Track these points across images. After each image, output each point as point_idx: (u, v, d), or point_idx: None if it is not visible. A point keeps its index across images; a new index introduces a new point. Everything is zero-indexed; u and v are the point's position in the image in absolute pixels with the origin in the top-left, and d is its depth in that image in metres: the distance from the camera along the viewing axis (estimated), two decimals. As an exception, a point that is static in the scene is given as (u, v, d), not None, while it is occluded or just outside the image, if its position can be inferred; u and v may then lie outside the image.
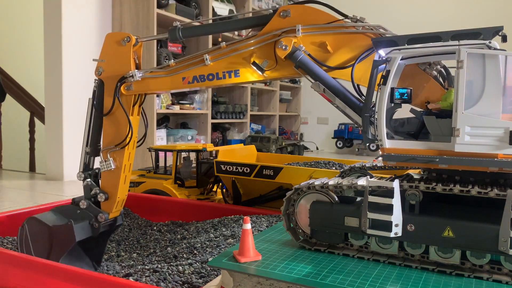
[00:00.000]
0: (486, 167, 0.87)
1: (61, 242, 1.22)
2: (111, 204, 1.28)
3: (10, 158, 4.82)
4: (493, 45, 0.88)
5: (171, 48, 3.77)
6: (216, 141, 4.58)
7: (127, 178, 1.33)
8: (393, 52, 0.97)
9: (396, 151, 0.95)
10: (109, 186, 1.29)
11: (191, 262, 1.26)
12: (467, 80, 0.87)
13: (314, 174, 1.65)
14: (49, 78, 3.27)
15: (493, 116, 0.86)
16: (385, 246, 0.97)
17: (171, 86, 1.29)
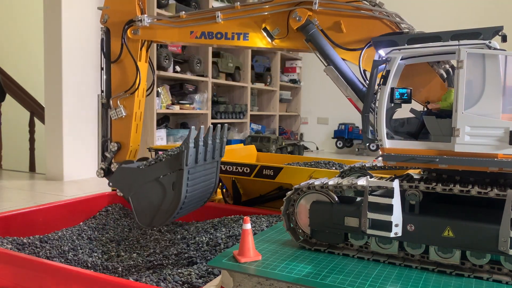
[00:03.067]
0: (486, 167, 0.87)
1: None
2: (124, 154, 1.27)
3: (10, 158, 4.82)
4: (493, 45, 0.88)
5: (171, 48, 3.77)
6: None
7: (138, 127, 1.31)
8: (393, 52, 0.97)
9: (396, 151, 0.95)
10: (121, 135, 1.28)
11: (191, 262, 1.26)
12: (467, 80, 0.87)
13: (314, 174, 1.65)
14: (49, 78, 3.27)
15: (493, 116, 0.86)
16: (385, 246, 0.97)
17: (178, 38, 1.28)
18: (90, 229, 1.64)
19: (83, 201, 1.77)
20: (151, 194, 1.22)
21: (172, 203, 1.21)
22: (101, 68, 1.32)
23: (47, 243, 1.44)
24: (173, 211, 1.21)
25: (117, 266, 1.28)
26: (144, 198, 1.23)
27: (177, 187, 1.20)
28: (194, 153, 1.22)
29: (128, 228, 1.71)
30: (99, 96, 1.33)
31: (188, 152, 1.18)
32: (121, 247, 1.55)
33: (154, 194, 1.22)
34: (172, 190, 1.21)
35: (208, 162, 1.32)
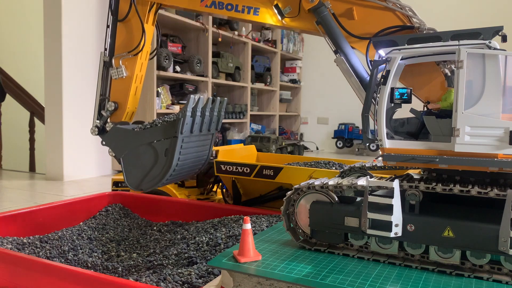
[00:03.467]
0: (486, 167, 0.87)
1: None
2: (121, 114, 1.27)
3: (10, 158, 4.82)
4: (493, 45, 0.88)
5: (171, 48, 3.77)
6: (216, 141, 4.58)
7: (138, 89, 1.30)
8: (393, 52, 0.97)
9: (396, 151, 0.95)
10: (119, 95, 1.27)
11: (191, 262, 1.26)
12: (467, 80, 0.87)
13: (314, 174, 1.65)
14: (49, 78, 3.27)
15: (493, 116, 0.86)
16: (385, 246, 0.97)
17: (188, 4, 1.26)
18: (90, 229, 1.64)
19: (83, 201, 1.77)
20: (143, 158, 1.23)
21: (163, 169, 1.21)
22: (106, 26, 1.30)
23: (47, 243, 1.44)
24: (162, 176, 1.22)
25: (117, 266, 1.28)
26: (135, 160, 1.23)
27: (169, 154, 1.20)
28: (191, 123, 1.22)
29: (128, 228, 1.71)
30: (101, 53, 1.32)
31: (184, 120, 1.18)
32: (121, 247, 1.55)
33: (146, 158, 1.22)
34: (164, 156, 1.21)
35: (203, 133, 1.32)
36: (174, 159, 1.20)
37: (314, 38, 6.29)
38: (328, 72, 6.16)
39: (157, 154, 1.22)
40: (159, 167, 1.22)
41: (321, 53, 6.26)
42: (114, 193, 1.90)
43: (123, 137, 1.24)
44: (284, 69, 6.22)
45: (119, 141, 1.25)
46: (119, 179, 2.13)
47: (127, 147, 1.24)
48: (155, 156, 1.22)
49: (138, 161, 1.24)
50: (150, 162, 1.23)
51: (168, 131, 1.20)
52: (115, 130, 1.25)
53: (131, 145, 1.23)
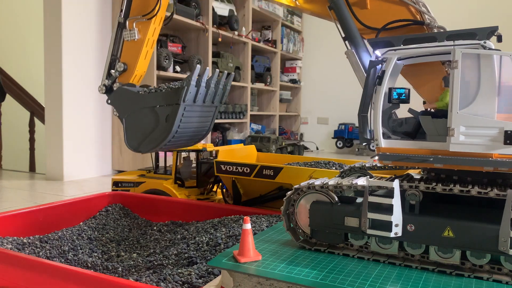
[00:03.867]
0: (481, 167, 0.87)
1: None
2: (129, 76, 1.29)
3: (10, 158, 4.82)
4: (488, 45, 0.88)
5: (171, 48, 3.77)
6: (216, 141, 4.58)
7: (148, 54, 1.32)
8: (388, 52, 0.97)
9: (391, 151, 0.96)
10: (129, 57, 1.29)
11: (191, 262, 1.26)
12: (462, 80, 0.87)
13: (314, 174, 1.65)
14: (49, 78, 3.27)
15: (488, 116, 0.86)
16: (385, 246, 0.97)
17: None
18: (90, 229, 1.64)
19: (83, 201, 1.77)
20: (145, 121, 1.24)
21: (162, 134, 1.23)
22: None
23: (47, 243, 1.44)
24: (160, 141, 1.23)
25: (117, 266, 1.28)
26: (137, 122, 1.25)
27: (170, 120, 1.22)
28: (195, 92, 1.23)
29: (128, 228, 1.71)
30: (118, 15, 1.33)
31: (188, 89, 1.19)
32: (121, 247, 1.55)
33: (148, 121, 1.24)
34: (165, 122, 1.23)
35: (207, 105, 1.33)
36: (174, 126, 1.22)
37: (314, 38, 6.29)
38: (328, 72, 6.16)
39: (158, 119, 1.23)
40: (159, 132, 1.24)
41: (321, 53, 6.26)
42: (114, 193, 1.90)
43: (127, 98, 1.26)
44: (284, 69, 6.22)
45: (124, 102, 1.27)
46: (119, 179, 2.13)
47: (131, 109, 1.26)
48: (156, 121, 1.24)
49: (139, 123, 1.26)
50: (151, 126, 1.25)
51: (171, 97, 1.22)
52: (121, 91, 1.27)
53: (134, 107, 1.25)
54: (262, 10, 5.23)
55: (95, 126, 3.52)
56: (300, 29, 6.29)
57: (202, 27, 4.11)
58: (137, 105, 1.25)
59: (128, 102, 1.26)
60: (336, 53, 6.00)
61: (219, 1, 4.44)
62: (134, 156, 3.60)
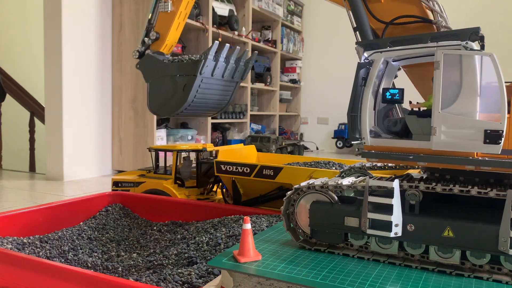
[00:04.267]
0: (463, 166, 0.89)
1: None
2: (160, 45, 1.37)
3: (10, 158, 4.82)
4: (470, 46, 0.88)
5: (171, 48, 3.77)
6: (216, 141, 4.58)
7: (180, 25, 1.40)
8: (374, 54, 0.99)
9: (377, 149, 0.98)
10: (162, 27, 1.38)
11: (191, 262, 1.26)
12: (444, 80, 0.89)
13: (314, 174, 1.65)
14: (49, 78, 3.27)
15: (469, 116, 0.87)
16: (385, 246, 0.97)
17: None
18: (90, 229, 1.64)
19: (83, 201, 1.77)
20: (165, 87, 1.34)
21: (179, 102, 1.33)
22: None
23: (47, 243, 1.44)
24: (176, 108, 1.33)
25: (117, 266, 1.28)
26: (159, 88, 1.35)
27: (186, 90, 1.31)
28: (212, 66, 1.32)
29: (128, 228, 1.71)
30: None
31: (205, 62, 1.28)
32: (121, 247, 1.55)
33: (168, 88, 1.34)
34: (183, 90, 1.32)
35: (227, 79, 1.42)
36: (190, 96, 1.31)
37: (314, 38, 6.29)
38: (328, 72, 6.16)
39: (177, 87, 1.33)
40: (176, 99, 1.33)
41: (321, 53, 6.26)
42: (114, 193, 1.90)
43: (153, 65, 1.36)
44: (284, 69, 6.22)
45: (149, 68, 1.37)
46: (119, 179, 2.13)
47: (155, 75, 1.36)
48: (175, 89, 1.33)
49: (161, 89, 1.35)
50: (170, 93, 1.34)
51: (190, 69, 1.31)
52: (148, 58, 1.37)
53: (158, 73, 1.35)
54: (262, 10, 5.23)
55: (95, 126, 3.52)
56: (300, 29, 6.29)
57: (202, 27, 4.11)
58: (160, 72, 1.35)
59: (153, 69, 1.36)
60: (336, 53, 6.01)
61: (219, 1, 4.44)
62: (134, 156, 3.60)
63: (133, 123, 3.58)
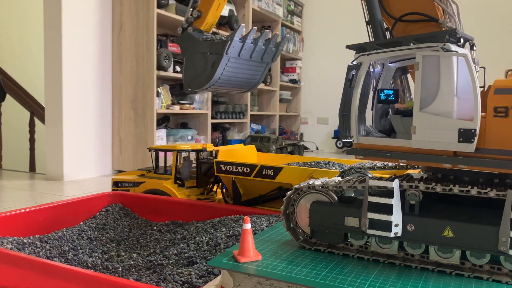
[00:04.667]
0: (440, 164, 0.92)
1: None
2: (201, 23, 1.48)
3: (10, 158, 4.82)
4: (447, 47, 0.90)
5: (171, 48, 3.77)
6: (216, 141, 4.58)
7: (220, 6, 1.50)
8: (361, 57, 1.02)
9: (365, 147, 1.02)
10: (204, 6, 1.48)
11: (191, 262, 1.26)
12: (423, 81, 0.92)
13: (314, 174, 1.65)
14: (49, 78, 3.27)
15: (446, 115, 0.90)
16: (385, 246, 0.97)
17: None
18: (90, 229, 1.64)
19: (83, 201, 1.77)
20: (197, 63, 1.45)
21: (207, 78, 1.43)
22: None
23: (47, 243, 1.44)
24: (205, 83, 1.44)
25: (117, 266, 1.28)
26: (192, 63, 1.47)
27: (214, 67, 1.41)
28: (239, 47, 1.41)
29: (128, 228, 1.71)
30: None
31: (231, 43, 1.37)
32: (121, 247, 1.55)
33: (199, 64, 1.45)
34: (211, 67, 1.42)
35: (256, 60, 1.52)
36: (217, 73, 1.41)
37: (314, 38, 6.29)
38: (328, 72, 6.16)
39: (207, 64, 1.43)
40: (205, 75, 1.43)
41: (321, 53, 6.26)
42: (114, 193, 1.90)
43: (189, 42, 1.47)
44: (284, 69, 6.22)
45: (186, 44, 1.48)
46: (119, 179, 2.13)
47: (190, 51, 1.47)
48: (205, 65, 1.43)
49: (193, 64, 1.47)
50: (201, 69, 1.45)
51: (218, 48, 1.40)
52: (186, 34, 1.48)
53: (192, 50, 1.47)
54: (262, 10, 5.23)
55: (95, 126, 3.52)
56: (300, 29, 6.29)
57: (202, 27, 4.10)
58: (194, 49, 1.46)
59: (189, 45, 1.47)
60: (336, 53, 6.01)
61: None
62: (134, 156, 3.60)
63: (133, 123, 3.58)
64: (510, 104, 0.84)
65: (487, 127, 0.87)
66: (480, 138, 0.88)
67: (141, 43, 3.49)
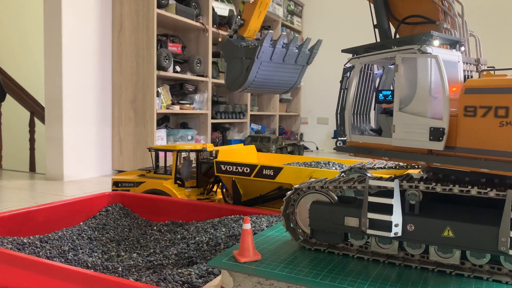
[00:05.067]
0: (416, 161, 0.95)
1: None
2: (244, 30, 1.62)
3: (10, 158, 4.82)
4: (424, 50, 0.93)
5: (171, 48, 3.77)
6: (216, 141, 4.58)
7: (261, 14, 1.63)
8: (352, 60, 1.07)
9: (355, 144, 1.07)
10: (246, 15, 1.62)
11: (191, 262, 1.26)
12: (402, 82, 0.95)
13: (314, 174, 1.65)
14: (49, 78, 3.27)
15: (421, 115, 0.93)
16: (385, 246, 0.97)
17: None
18: (90, 229, 1.64)
19: (83, 201, 1.77)
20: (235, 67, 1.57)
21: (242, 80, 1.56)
22: None
23: (47, 243, 1.44)
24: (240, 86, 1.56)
25: (117, 266, 1.28)
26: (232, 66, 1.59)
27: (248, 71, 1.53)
28: (270, 52, 1.53)
29: (128, 228, 1.71)
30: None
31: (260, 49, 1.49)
32: (121, 247, 1.55)
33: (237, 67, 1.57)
34: (246, 71, 1.54)
35: (289, 63, 1.64)
36: (250, 76, 1.54)
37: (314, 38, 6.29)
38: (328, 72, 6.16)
39: (242, 68, 1.55)
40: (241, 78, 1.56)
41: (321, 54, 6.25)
42: (114, 193, 1.90)
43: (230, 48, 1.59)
44: (284, 69, 6.22)
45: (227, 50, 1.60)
46: (119, 179, 2.13)
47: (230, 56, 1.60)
48: (241, 69, 1.56)
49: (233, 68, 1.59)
50: (238, 72, 1.57)
51: (251, 53, 1.53)
52: (227, 41, 1.60)
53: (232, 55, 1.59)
54: None
55: (95, 126, 3.52)
56: (300, 29, 6.29)
57: (202, 27, 4.11)
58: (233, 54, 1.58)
59: (229, 51, 1.59)
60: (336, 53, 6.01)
61: (219, 1, 4.44)
62: (134, 156, 3.60)
63: (133, 123, 3.58)
64: (478, 104, 0.87)
65: (459, 126, 0.90)
66: (452, 137, 0.90)
67: (141, 43, 3.49)
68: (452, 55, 1.01)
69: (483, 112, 0.86)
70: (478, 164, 0.87)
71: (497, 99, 0.84)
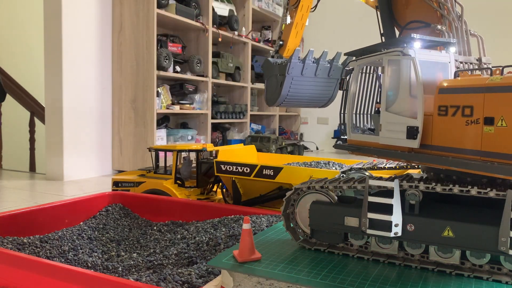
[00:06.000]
0: (398, 159, 0.99)
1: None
2: (283, 50, 1.69)
3: (10, 158, 4.82)
4: (405, 52, 0.95)
5: (171, 48, 3.77)
6: (216, 141, 4.58)
7: (298, 34, 1.71)
8: (351, 62, 1.11)
9: (354, 143, 1.11)
10: (285, 35, 1.70)
11: (191, 262, 1.26)
12: (387, 83, 0.99)
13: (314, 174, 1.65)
14: (49, 78, 3.27)
15: (401, 114, 0.96)
16: (385, 246, 0.97)
17: None
18: (90, 229, 1.64)
19: (83, 201, 1.77)
20: (272, 83, 1.66)
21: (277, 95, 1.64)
22: None
23: (47, 243, 1.44)
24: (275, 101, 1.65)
25: (117, 266, 1.29)
26: (270, 83, 1.68)
27: (281, 86, 1.61)
28: (300, 67, 1.60)
29: (128, 228, 1.71)
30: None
31: (290, 64, 1.57)
32: (121, 247, 1.55)
33: (273, 84, 1.66)
34: (280, 87, 1.62)
35: (322, 77, 1.72)
36: (283, 91, 1.61)
37: (313, 38, 6.29)
38: (328, 72, 6.16)
39: (277, 84, 1.63)
40: (276, 93, 1.64)
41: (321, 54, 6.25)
42: (114, 193, 1.90)
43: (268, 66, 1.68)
44: (284, 69, 6.22)
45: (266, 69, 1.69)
46: (119, 179, 2.13)
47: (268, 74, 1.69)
48: (277, 85, 1.64)
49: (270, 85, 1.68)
50: (274, 87, 1.65)
51: (283, 69, 1.61)
52: (266, 61, 1.69)
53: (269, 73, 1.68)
54: (262, 10, 5.24)
55: (95, 126, 3.52)
56: (300, 29, 6.28)
57: (202, 27, 4.11)
58: (270, 72, 1.67)
59: (268, 69, 1.68)
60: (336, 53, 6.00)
61: (219, 1, 4.44)
62: (134, 156, 3.60)
63: (133, 123, 3.58)
64: (449, 103, 0.89)
65: (433, 125, 0.92)
66: (428, 136, 0.92)
67: (141, 43, 3.49)
68: (442, 56, 1.03)
69: (453, 111, 0.89)
70: (448, 163, 0.89)
71: (464, 98, 0.87)
